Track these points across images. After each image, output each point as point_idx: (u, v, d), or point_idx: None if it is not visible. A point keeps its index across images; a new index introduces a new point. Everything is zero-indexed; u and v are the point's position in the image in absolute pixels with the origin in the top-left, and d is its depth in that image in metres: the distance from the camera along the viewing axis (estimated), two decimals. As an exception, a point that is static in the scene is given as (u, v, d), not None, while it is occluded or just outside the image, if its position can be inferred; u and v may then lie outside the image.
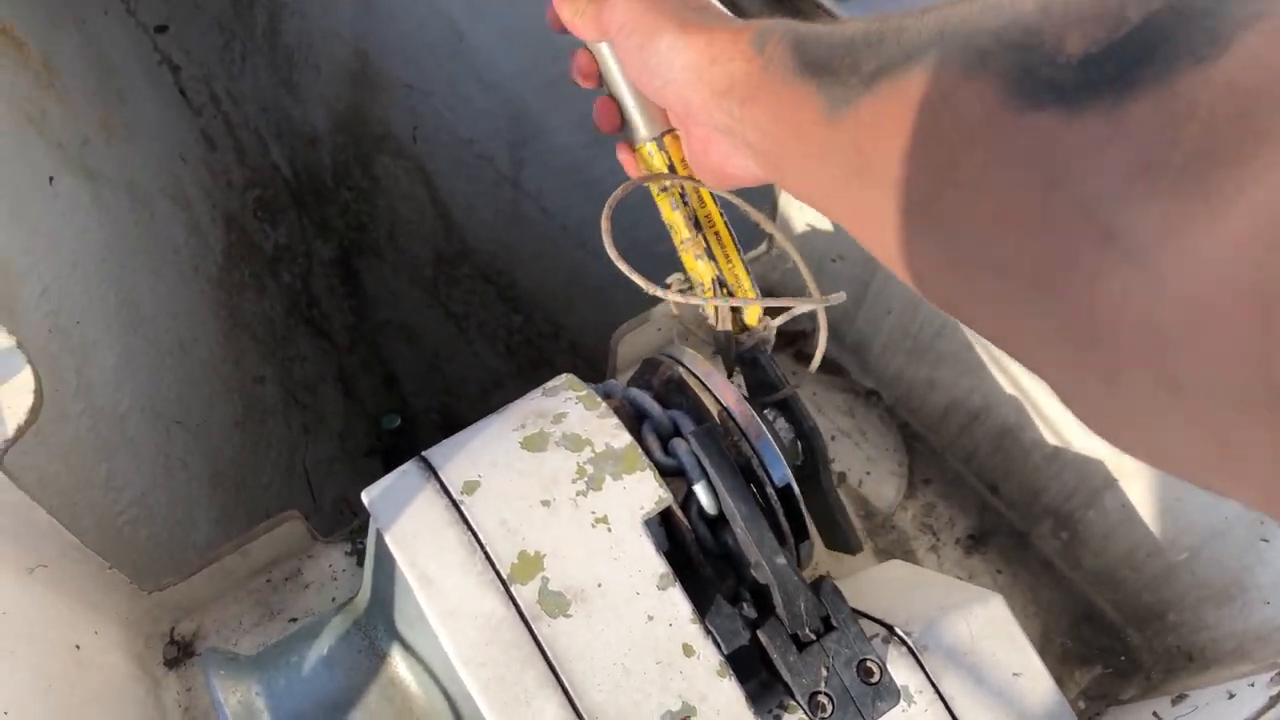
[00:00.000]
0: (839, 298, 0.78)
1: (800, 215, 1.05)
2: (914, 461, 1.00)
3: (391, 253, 1.86)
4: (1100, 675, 0.89)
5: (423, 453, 0.74)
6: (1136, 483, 0.82)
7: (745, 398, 0.74)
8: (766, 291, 1.08)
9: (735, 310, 0.79)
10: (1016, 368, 0.88)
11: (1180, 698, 0.75)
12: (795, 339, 1.05)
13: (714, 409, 0.73)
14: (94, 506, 1.22)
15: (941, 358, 0.94)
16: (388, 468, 2.09)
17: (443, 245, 1.79)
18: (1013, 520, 0.97)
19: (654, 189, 0.77)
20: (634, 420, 0.75)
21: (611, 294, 1.53)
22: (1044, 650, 0.89)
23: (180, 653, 0.91)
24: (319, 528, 1.84)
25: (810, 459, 0.78)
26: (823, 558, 0.95)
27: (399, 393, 1.97)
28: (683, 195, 0.76)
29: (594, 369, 1.83)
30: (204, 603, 0.92)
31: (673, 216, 0.77)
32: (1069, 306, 0.33)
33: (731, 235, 0.77)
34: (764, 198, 1.05)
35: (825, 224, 1.02)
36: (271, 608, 0.93)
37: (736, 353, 0.81)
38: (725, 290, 0.78)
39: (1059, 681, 0.89)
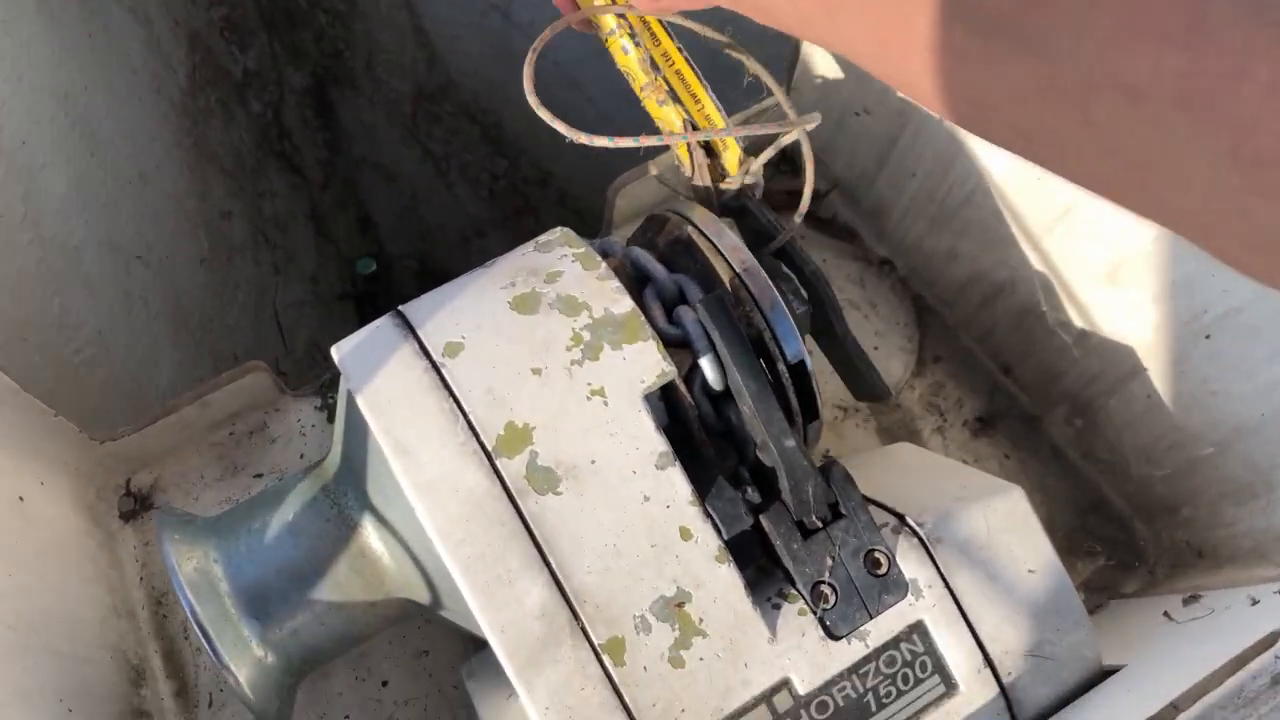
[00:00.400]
0: (813, 119, 0.69)
1: (823, 62, 0.95)
2: (925, 337, 0.94)
3: (369, 84, 1.74)
4: (1103, 567, 0.86)
5: (400, 307, 0.67)
6: (1169, 372, 0.77)
7: (757, 261, 0.66)
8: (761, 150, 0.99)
9: (713, 157, 0.71)
10: (1050, 242, 0.81)
11: (1193, 598, 0.71)
12: (796, 196, 0.97)
13: (725, 275, 0.66)
14: (46, 345, 1.15)
15: (968, 226, 0.87)
16: (361, 314, 2.01)
17: (424, 78, 1.67)
18: (1025, 404, 0.92)
19: (602, 32, 0.68)
20: (635, 284, 0.68)
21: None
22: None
23: (137, 505, 0.86)
24: (291, 373, 1.78)
25: (819, 307, 0.71)
26: (824, 437, 0.90)
27: (375, 235, 1.88)
28: (633, 35, 0.67)
29: (584, 223, 1.75)
30: (161, 455, 0.86)
31: (626, 61, 0.68)
32: (1234, 128, 0.29)
33: (695, 71, 0.69)
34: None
35: (849, 72, 0.93)
36: (235, 462, 0.87)
37: (721, 203, 0.73)
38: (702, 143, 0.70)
39: (1060, 572, 0.85)
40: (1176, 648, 0.66)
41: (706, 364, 0.63)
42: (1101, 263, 0.77)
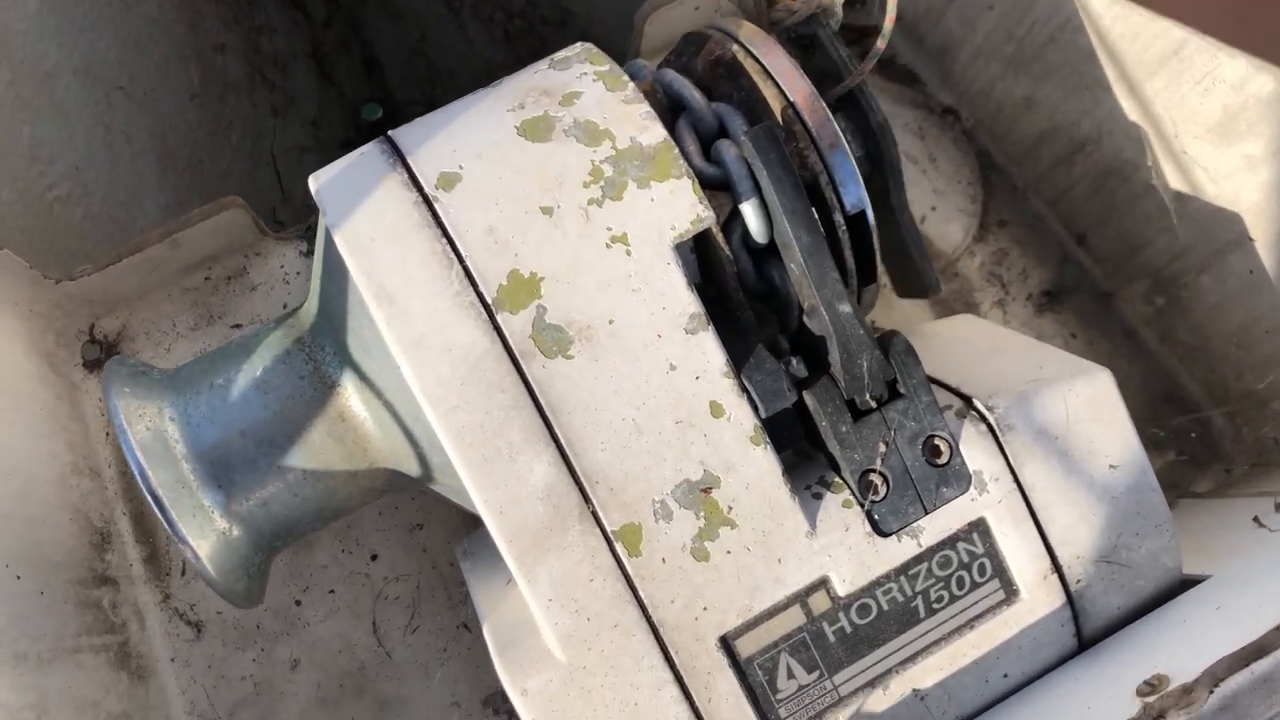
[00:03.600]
0: None
1: None
2: (989, 198, 0.83)
3: (375, -91, 1.58)
4: (1173, 462, 0.77)
5: (390, 132, 0.57)
6: (1277, 245, 0.66)
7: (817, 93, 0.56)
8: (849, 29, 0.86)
9: None
10: (1152, 87, 0.70)
11: (1287, 503, 0.63)
12: (864, 35, 0.85)
13: (776, 105, 0.55)
14: (16, 177, 1.05)
15: (1050, 70, 0.76)
16: (366, 163, 1.86)
17: (436, -96, 1.52)
18: (1098, 278, 0.82)
19: None
20: (668, 113, 0.57)
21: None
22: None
23: (103, 353, 0.78)
24: (288, 222, 1.68)
25: (879, 169, 0.61)
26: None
27: (381, 80, 1.75)
28: None
29: (604, 68, 1.61)
30: (130, 298, 0.77)
31: None
32: None
33: None
34: None
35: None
36: (211, 309, 0.79)
37: (787, 30, 0.62)
38: None
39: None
40: (1272, 559, 0.57)
41: (750, 210, 0.53)
42: (1214, 111, 0.66)
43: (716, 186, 0.54)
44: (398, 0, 1.68)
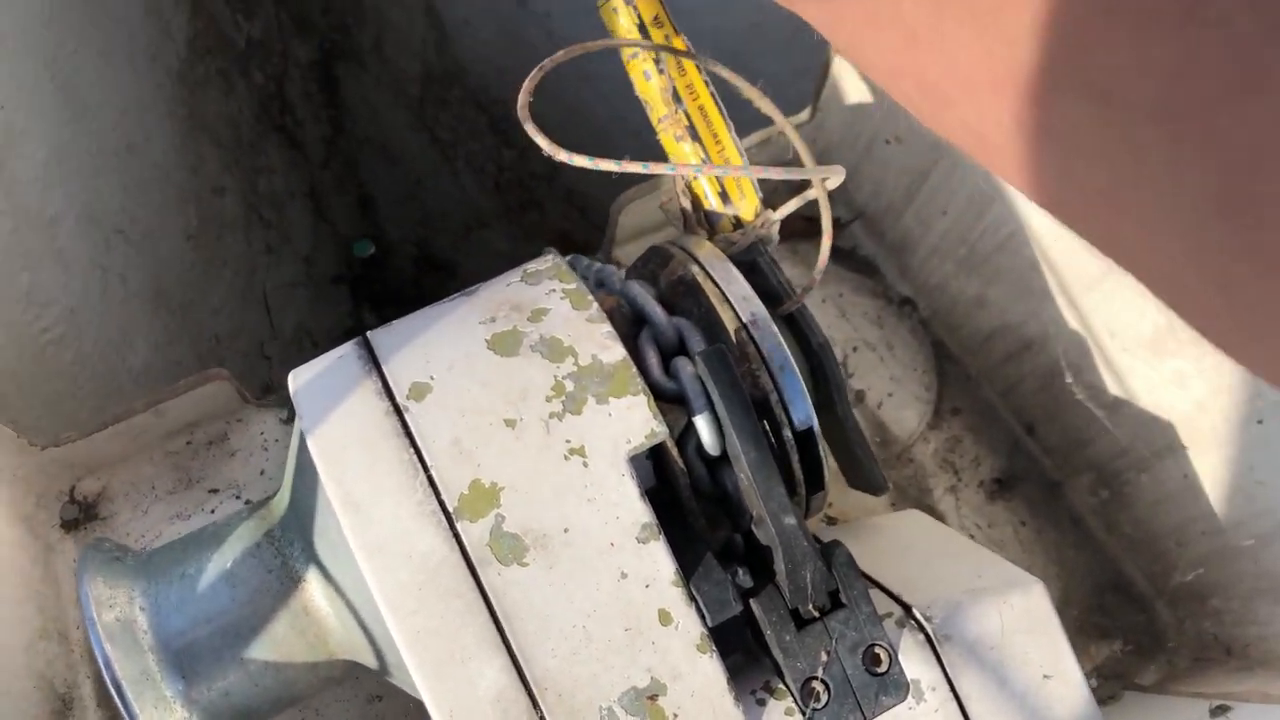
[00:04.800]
0: (837, 172, 0.62)
1: (853, 84, 0.88)
2: (944, 387, 0.87)
3: (376, 63, 1.66)
4: (1118, 652, 0.79)
5: (367, 334, 0.60)
6: (1211, 455, 0.70)
7: (769, 315, 0.60)
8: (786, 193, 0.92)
9: (727, 201, 0.64)
10: (1089, 301, 0.74)
11: (1221, 709, 0.65)
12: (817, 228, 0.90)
13: (730, 325, 0.59)
14: (10, 322, 1.08)
15: (999, 274, 0.80)
16: (355, 298, 1.93)
17: (433, 61, 1.59)
18: (1047, 468, 0.85)
19: (624, 55, 0.61)
20: (631, 325, 0.61)
21: (618, 140, 1.36)
22: (1060, 617, 0.79)
23: (82, 514, 0.79)
24: (276, 357, 1.71)
25: (821, 382, 0.64)
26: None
27: (374, 218, 1.81)
28: (658, 62, 0.60)
29: (589, 222, 1.67)
30: (111, 461, 0.80)
31: (646, 89, 0.61)
32: (1228, 160, 0.20)
33: (720, 110, 0.62)
34: (773, 63, 0.88)
35: (881, 97, 0.86)
36: (190, 474, 0.81)
37: (732, 255, 0.66)
38: (717, 182, 0.63)
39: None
40: (1203, 773, 0.59)
41: (702, 424, 0.56)
42: (1147, 328, 0.70)
43: (674, 400, 0.58)
44: (395, 145, 1.75)
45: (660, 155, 0.63)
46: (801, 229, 0.93)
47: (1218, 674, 0.74)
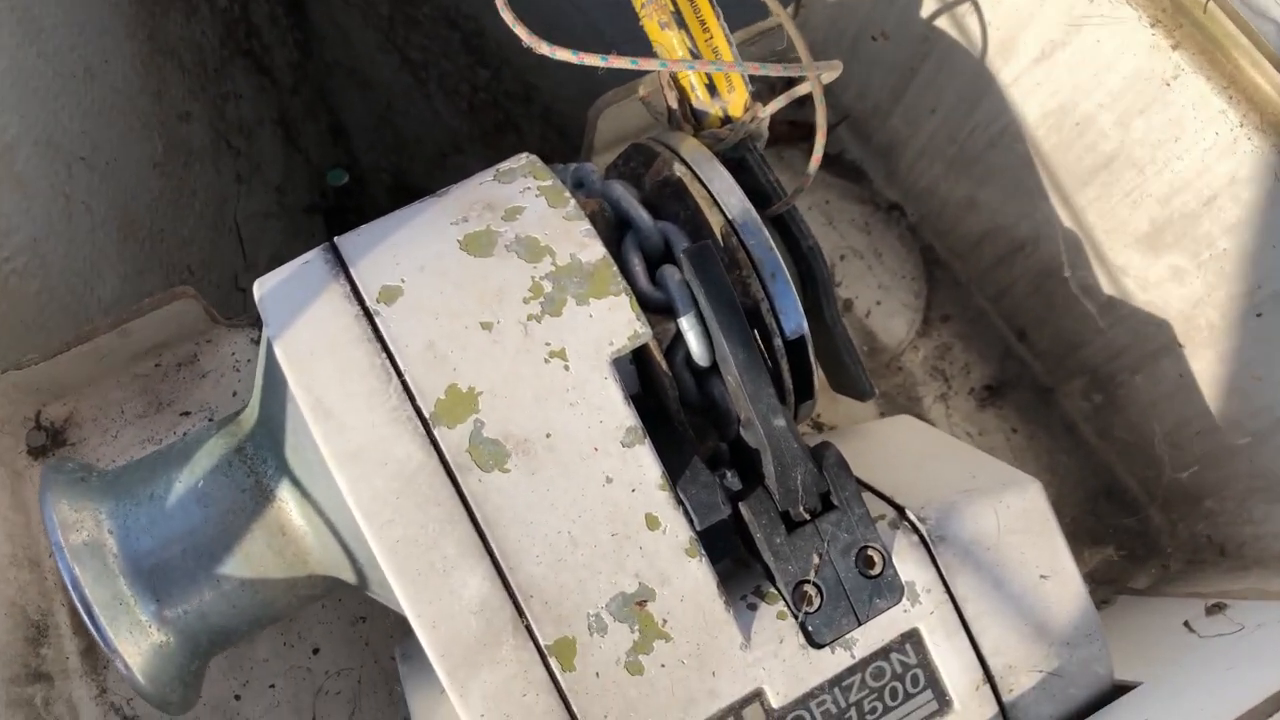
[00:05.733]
0: (834, 67, 0.59)
1: (837, -25, 0.85)
2: (933, 294, 0.85)
3: (344, -19, 1.60)
4: (1112, 557, 0.78)
5: (335, 239, 0.58)
6: (1207, 352, 0.68)
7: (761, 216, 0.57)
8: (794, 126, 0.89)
9: (714, 94, 0.61)
10: (1085, 196, 0.72)
11: (1217, 607, 0.64)
12: (810, 132, 0.87)
13: (718, 227, 0.57)
14: (-31, 252, 1.05)
15: (991, 173, 0.78)
16: (330, 228, 1.89)
17: (404, -23, 1.54)
18: (1038, 373, 0.84)
19: None
20: (615, 229, 0.58)
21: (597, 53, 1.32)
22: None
23: (49, 440, 0.77)
24: (250, 288, 1.68)
25: (810, 286, 0.62)
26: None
27: (347, 146, 1.77)
28: None
29: (568, 142, 1.63)
30: (78, 385, 0.77)
31: None
32: None
33: None
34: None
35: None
36: (160, 397, 0.79)
37: (718, 152, 0.63)
38: (705, 75, 0.59)
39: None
40: (1201, 668, 0.59)
41: (688, 328, 0.54)
42: (1143, 222, 0.68)
43: (662, 310, 0.55)
44: (366, 69, 1.70)
45: (645, 49, 0.60)
46: (785, 133, 0.90)
47: (1213, 574, 0.73)
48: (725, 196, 0.57)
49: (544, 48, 0.53)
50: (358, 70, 1.69)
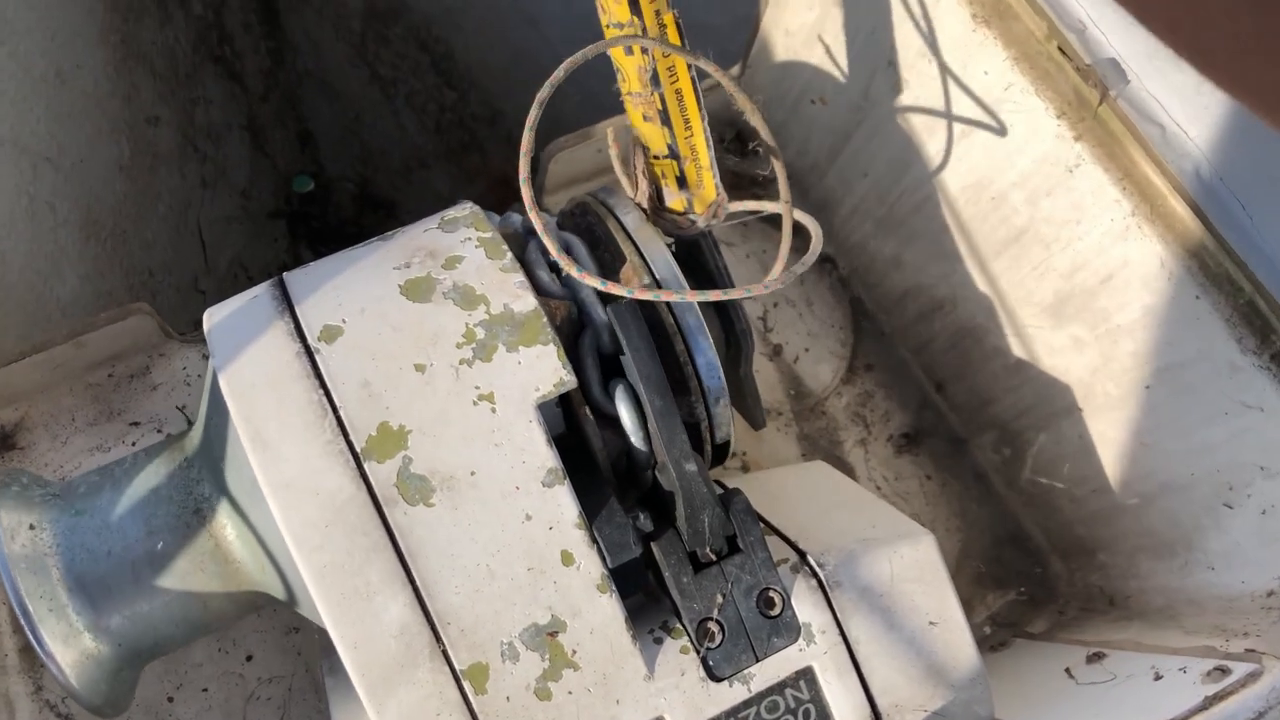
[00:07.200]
0: (815, 227, 0.63)
1: (781, 41, 0.89)
2: (859, 343, 0.89)
3: (319, -6, 1.63)
4: (1012, 601, 0.83)
5: (283, 275, 0.61)
6: (1103, 417, 0.73)
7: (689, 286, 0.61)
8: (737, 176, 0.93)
9: (683, 186, 0.64)
10: (998, 265, 0.77)
11: (1097, 656, 0.69)
12: (754, 183, 0.91)
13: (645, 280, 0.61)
14: (-69, 248, 1.06)
15: (915, 235, 0.82)
16: (294, 234, 1.90)
17: (377, -4, 1.57)
18: (953, 424, 0.88)
19: (603, 21, 0.60)
20: (576, 322, 0.62)
21: (560, 87, 1.36)
22: (960, 568, 0.83)
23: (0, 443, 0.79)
24: (211, 291, 1.69)
25: (737, 358, 0.67)
26: (742, 438, 0.85)
27: (314, 154, 1.79)
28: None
29: (531, 167, 1.66)
30: (30, 391, 0.80)
31: (625, 62, 0.60)
32: None
33: (698, 98, 0.62)
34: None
35: (808, 56, 0.87)
36: (111, 406, 0.81)
37: (676, 235, 0.67)
38: (678, 166, 0.62)
39: (969, 603, 0.82)
40: (1072, 714, 0.63)
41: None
42: (1048, 294, 0.73)
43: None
44: (336, 81, 1.73)
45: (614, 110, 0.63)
46: (729, 182, 0.94)
47: (1101, 623, 0.78)
48: (653, 256, 0.61)
49: (573, 270, 0.58)
50: (328, 81, 1.72)
